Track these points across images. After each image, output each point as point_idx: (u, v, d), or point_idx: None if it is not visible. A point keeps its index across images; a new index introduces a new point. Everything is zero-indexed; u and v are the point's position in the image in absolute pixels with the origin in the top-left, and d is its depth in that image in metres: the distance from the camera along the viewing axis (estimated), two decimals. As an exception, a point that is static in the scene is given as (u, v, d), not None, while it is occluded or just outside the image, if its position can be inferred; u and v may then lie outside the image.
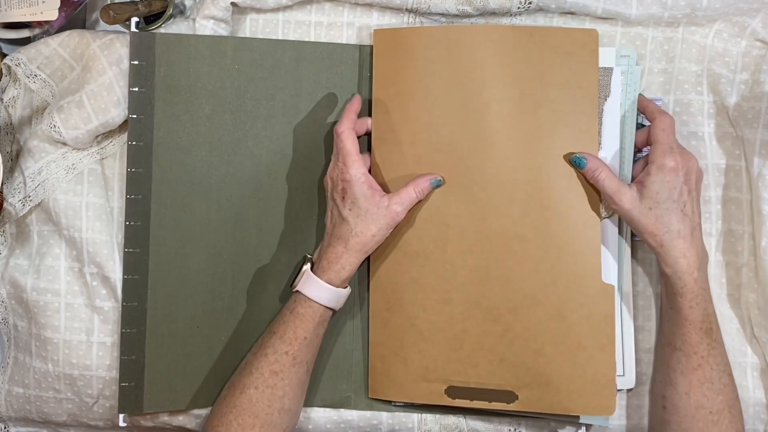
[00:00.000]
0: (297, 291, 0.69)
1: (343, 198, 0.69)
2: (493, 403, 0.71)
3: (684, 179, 0.66)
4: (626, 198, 0.66)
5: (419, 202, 0.71)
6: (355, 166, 0.68)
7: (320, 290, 0.68)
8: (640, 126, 0.73)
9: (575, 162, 0.68)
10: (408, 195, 0.70)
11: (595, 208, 0.70)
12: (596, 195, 0.70)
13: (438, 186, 0.71)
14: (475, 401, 0.71)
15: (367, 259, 0.73)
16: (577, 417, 0.72)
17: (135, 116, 0.73)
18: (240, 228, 0.74)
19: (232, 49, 0.74)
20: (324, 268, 0.69)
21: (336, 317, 0.73)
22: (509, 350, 0.71)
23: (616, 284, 0.71)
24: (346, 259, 0.68)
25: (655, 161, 0.67)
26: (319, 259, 0.70)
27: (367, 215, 0.68)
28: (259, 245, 0.74)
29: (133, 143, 0.73)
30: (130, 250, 0.73)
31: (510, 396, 0.71)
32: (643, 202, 0.66)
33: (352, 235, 0.68)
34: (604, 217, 0.71)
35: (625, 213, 0.67)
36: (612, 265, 0.71)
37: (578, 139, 0.70)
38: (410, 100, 0.72)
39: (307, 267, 0.70)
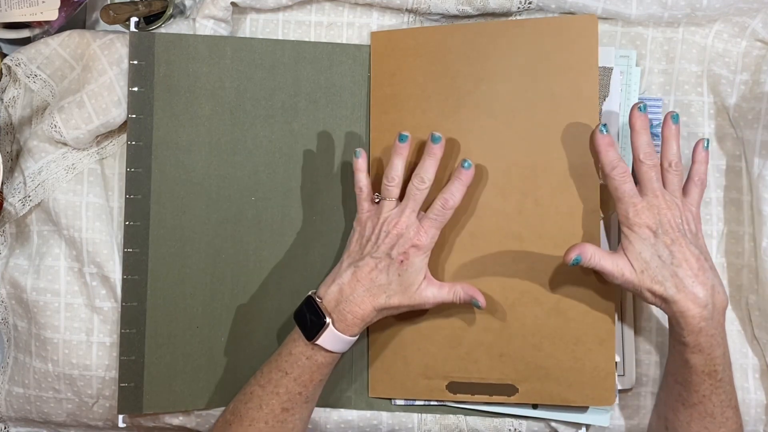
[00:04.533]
0: (317, 344, 0.66)
1: (402, 262, 0.66)
2: (494, 397, 0.71)
3: (663, 231, 0.64)
4: (627, 270, 0.64)
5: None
6: (432, 239, 0.67)
7: (344, 344, 0.67)
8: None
9: (575, 263, 0.65)
10: (445, 295, 0.68)
11: (594, 204, 0.70)
12: (595, 191, 0.69)
13: (477, 307, 0.68)
14: (476, 395, 0.71)
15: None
16: (578, 414, 0.72)
17: (134, 116, 0.73)
18: (239, 228, 0.74)
19: (232, 49, 0.74)
20: (350, 324, 0.66)
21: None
22: (508, 346, 0.71)
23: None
24: (371, 318, 0.67)
25: (622, 222, 0.65)
26: (342, 310, 0.66)
27: (407, 289, 0.66)
28: (259, 245, 0.74)
29: (133, 143, 0.73)
30: (130, 250, 0.73)
31: (510, 389, 0.71)
32: (635, 266, 0.64)
33: (386, 297, 0.66)
34: (603, 217, 0.71)
35: (628, 284, 0.65)
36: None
37: (577, 130, 0.70)
38: (407, 100, 0.72)
39: (329, 323, 0.66)
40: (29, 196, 0.74)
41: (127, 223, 0.73)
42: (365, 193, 0.70)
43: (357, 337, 0.67)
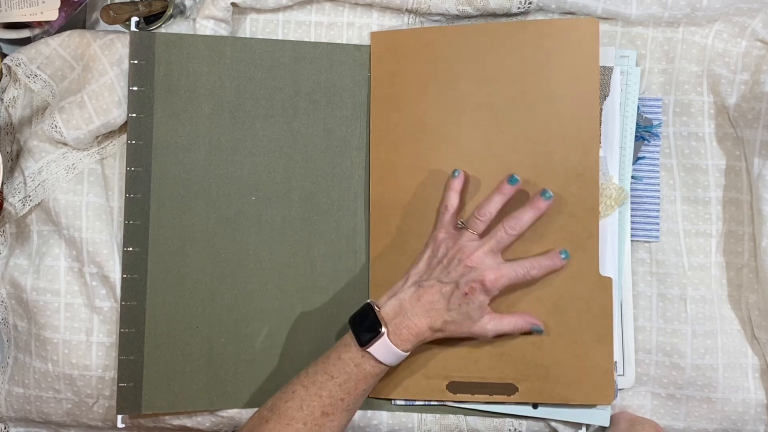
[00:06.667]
0: (368, 352, 0.66)
1: (466, 294, 0.66)
2: (494, 396, 0.71)
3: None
4: None
5: (415, 199, 0.71)
6: (501, 286, 0.67)
7: (394, 357, 0.66)
8: (638, 138, 0.73)
9: None
10: (506, 326, 0.68)
11: (593, 203, 0.69)
12: (595, 191, 0.69)
13: (538, 332, 0.70)
14: (476, 395, 0.71)
15: (368, 259, 0.73)
16: (578, 414, 0.72)
17: (134, 115, 0.73)
18: (239, 227, 0.74)
19: (232, 49, 0.74)
20: (404, 338, 0.66)
21: (336, 318, 0.73)
22: (508, 344, 0.71)
23: (616, 284, 0.71)
24: (425, 337, 0.67)
25: None
26: (398, 323, 0.66)
27: (466, 321, 0.67)
28: (258, 245, 0.74)
29: (133, 142, 0.73)
30: (130, 249, 0.73)
31: (510, 388, 0.71)
32: None
33: (443, 322, 0.66)
34: (603, 217, 0.71)
35: None
36: (612, 265, 0.71)
37: (577, 131, 0.70)
38: (407, 100, 0.72)
39: (384, 333, 0.65)
40: (29, 196, 0.74)
41: (126, 222, 0.73)
42: (451, 214, 0.69)
43: (408, 353, 0.67)
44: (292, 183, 0.74)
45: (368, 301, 0.68)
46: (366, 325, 0.66)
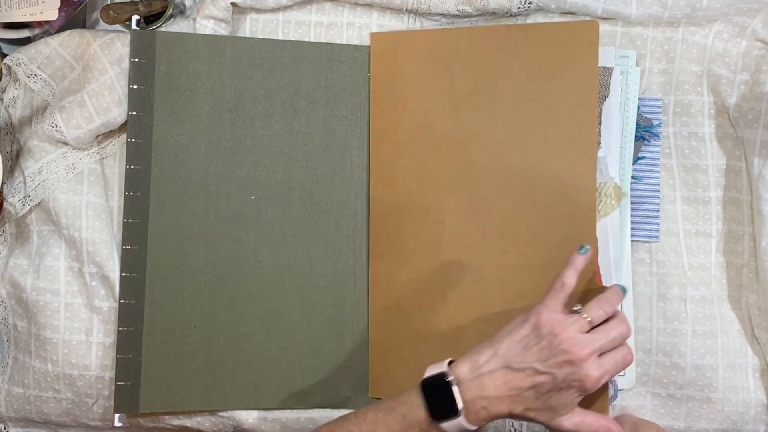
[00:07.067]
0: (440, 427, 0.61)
1: (560, 390, 0.59)
2: None
3: None
4: None
5: (415, 199, 0.72)
6: (602, 380, 0.60)
7: (462, 430, 0.61)
8: (638, 138, 0.73)
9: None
10: (584, 426, 0.61)
11: (591, 204, 0.69)
12: (593, 193, 0.69)
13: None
14: None
15: (368, 259, 0.73)
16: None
17: (135, 113, 0.73)
18: (238, 226, 0.74)
19: (232, 48, 0.74)
20: (480, 418, 0.60)
21: (336, 318, 0.73)
22: None
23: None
24: (502, 417, 0.61)
25: None
26: (477, 404, 0.60)
27: (549, 411, 0.60)
28: (258, 244, 0.74)
29: (133, 140, 0.73)
30: (128, 247, 0.73)
31: None
32: None
33: (524, 409, 0.60)
34: (603, 217, 0.71)
35: None
36: (612, 265, 0.71)
37: (575, 133, 0.70)
38: (407, 101, 0.73)
39: (462, 414, 0.60)
40: (29, 196, 0.74)
41: (126, 220, 0.73)
42: (565, 293, 0.62)
43: (479, 427, 0.61)
44: (292, 183, 0.74)
45: (446, 369, 0.61)
46: (441, 397, 0.60)
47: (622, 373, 0.72)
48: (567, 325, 0.60)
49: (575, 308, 0.62)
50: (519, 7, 0.73)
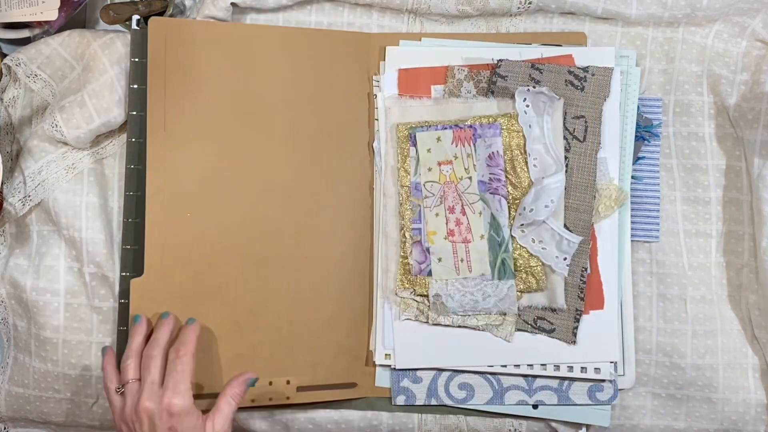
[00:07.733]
0: None
1: (169, 429, 0.62)
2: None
3: None
4: None
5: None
6: (187, 394, 0.63)
7: None
8: (638, 138, 0.73)
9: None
10: (226, 413, 0.65)
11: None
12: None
13: (253, 384, 0.67)
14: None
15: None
16: (578, 414, 0.72)
17: (135, 113, 0.73)
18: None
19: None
20: None
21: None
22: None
23: (616, 284, 0.71)
24: None
25: None
26: None
27: None
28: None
29: (133, 140, 0.73)
30: (128, 246, 0.73)
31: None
32: None
33: None
34: (603, 218, 0.71)
35: None
36: (612, 264, 0.71)
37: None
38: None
39: None
40: (29, 196, 0.74)
41: (125, 219, 0.73)
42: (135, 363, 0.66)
43: None
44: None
45: None
46: None
47: (621, 373, 0.72)
48: (139, 399, 0.63)
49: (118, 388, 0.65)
50: (519, 7, 0.73)
